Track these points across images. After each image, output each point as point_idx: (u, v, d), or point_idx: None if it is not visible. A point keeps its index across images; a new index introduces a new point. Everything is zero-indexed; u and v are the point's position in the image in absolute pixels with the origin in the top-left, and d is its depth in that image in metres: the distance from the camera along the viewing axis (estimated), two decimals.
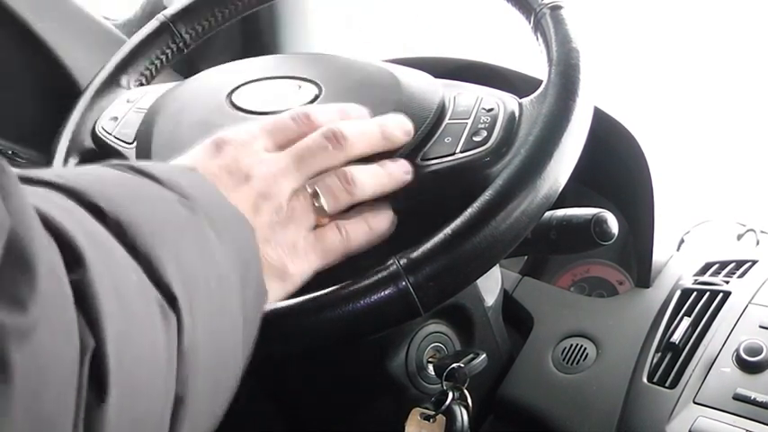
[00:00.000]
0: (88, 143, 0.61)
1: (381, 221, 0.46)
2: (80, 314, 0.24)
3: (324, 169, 0.44)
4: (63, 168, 0.32)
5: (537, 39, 0.52)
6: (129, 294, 0.27)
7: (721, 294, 0.65)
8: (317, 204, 0.43)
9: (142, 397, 0.26)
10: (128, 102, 0.63)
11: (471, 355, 0.57)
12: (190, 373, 0.29)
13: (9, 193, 0.22)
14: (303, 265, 0.42)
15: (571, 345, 0.66)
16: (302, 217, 0.43)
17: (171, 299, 0.29)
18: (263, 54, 0.66)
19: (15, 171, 0.24)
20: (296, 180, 0.43)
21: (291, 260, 0.42)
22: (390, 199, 0.48)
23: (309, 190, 0.43)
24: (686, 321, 0.64)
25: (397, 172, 0.46)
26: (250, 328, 0.37)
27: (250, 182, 0.41)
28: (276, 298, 0.42)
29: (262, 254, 0.40)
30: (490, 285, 0.67)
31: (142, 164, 0.35)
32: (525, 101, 0.50)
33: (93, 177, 0.32)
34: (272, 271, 0.41)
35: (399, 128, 0.48)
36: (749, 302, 0.63)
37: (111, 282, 0.26)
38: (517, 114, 0.49)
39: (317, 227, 0.44)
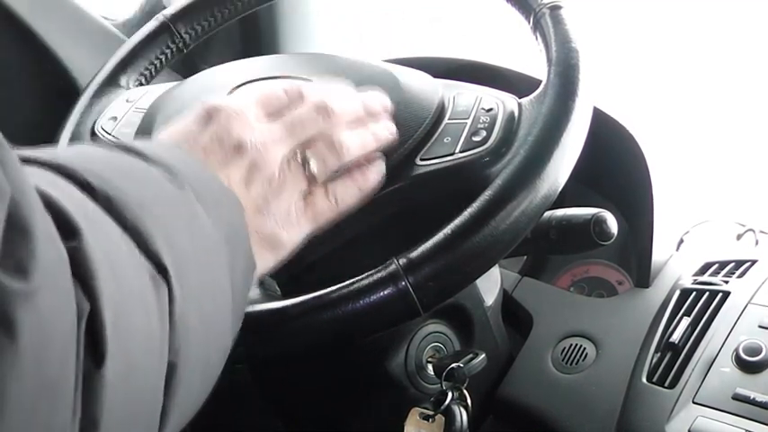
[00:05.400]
0: (88, 143, 0.61)
1: (370, 180, 0.47)
2: (76, 279, 0.25)
3: (312, 138, 0.45)
4: (52, 148, 0.32)
5: (536, 39, 0.52)
6: (121, 263, 0.28)
7: (721, 294, 0.65)
8: (307, 171, 0.44)
9: (138, 363, 0.27)
10: (127, 102, 0.63)
11: (471, 355, 0.57)
12: (182, 342, 0.30)
13: (7, 163, 0.23)
14: (295, 233, 0.43)
15: (571, 345, 0.66)
16: (294, 184, 0.43)
17: (161, 269, 0.29)
18: (263, 54, 0.66)
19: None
20: (287, 147, 0.44)
21: (284, 229, 0.42)
22: (390, 198, 0.48)
23: (299, 157, 0.44)
24: (686, 321, 0.64)
25: (381, 131, 0.48)
26: (240, 301, 0.37)
27: (242, 152, 0.41)
28: (268, 267, 0.43)
29: (254, 225, 0.40)
30: (490, 285, 0.67)
31: (128, 142, 0.35)
32: (525, 101, 0.50)
33: (83, 156, 0.33)
34: (264, 242, 0.41)
35: (378, 102, 0.50)
36: (749, 302, 0.63)
37: (103, 251, 0.26)
38: (516, 114, 0.49)
39: (307, 194, 0.44)
